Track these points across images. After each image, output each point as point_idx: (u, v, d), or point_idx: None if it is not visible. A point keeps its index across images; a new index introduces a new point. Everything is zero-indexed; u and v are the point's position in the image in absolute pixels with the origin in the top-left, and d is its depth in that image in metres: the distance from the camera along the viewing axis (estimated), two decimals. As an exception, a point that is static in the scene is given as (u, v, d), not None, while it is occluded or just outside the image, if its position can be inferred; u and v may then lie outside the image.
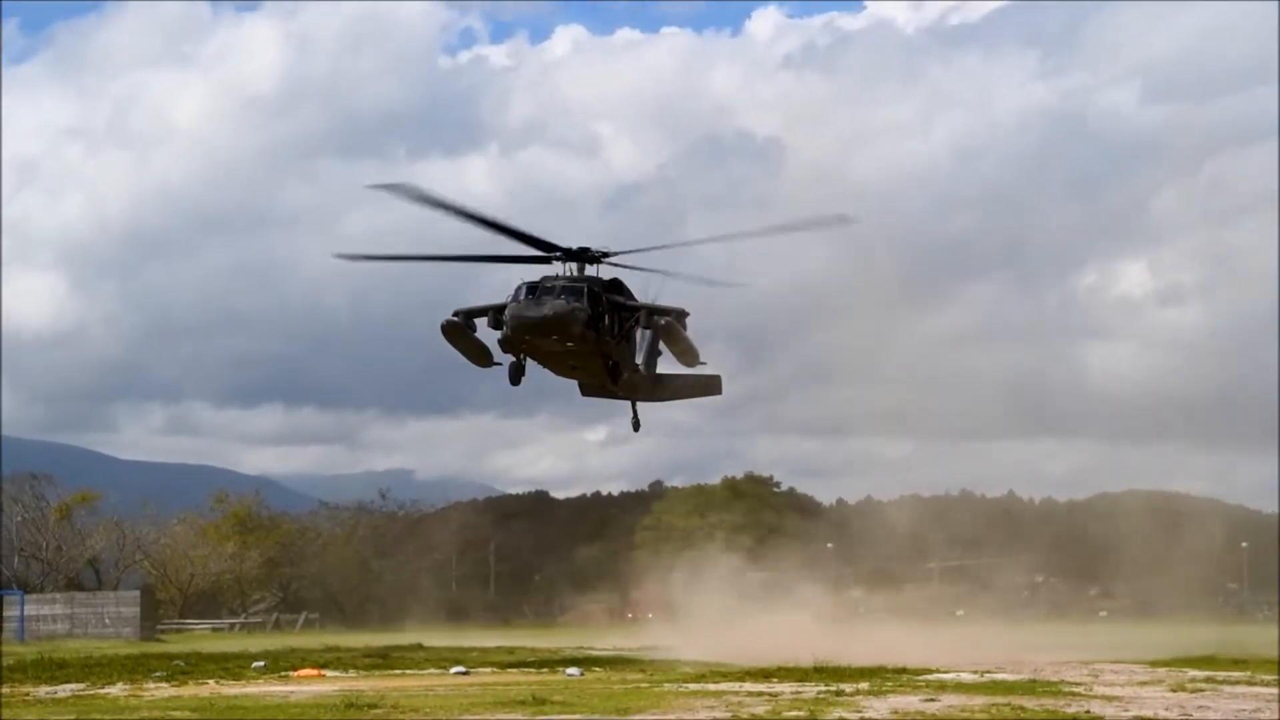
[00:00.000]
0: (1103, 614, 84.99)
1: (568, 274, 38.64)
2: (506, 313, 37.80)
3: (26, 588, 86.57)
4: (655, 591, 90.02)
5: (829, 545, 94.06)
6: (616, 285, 39.66)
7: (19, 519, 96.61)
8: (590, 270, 39.32)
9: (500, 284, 39.70)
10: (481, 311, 39.53)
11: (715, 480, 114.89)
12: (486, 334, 40.11)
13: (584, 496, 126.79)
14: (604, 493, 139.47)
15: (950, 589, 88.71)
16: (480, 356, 40.12)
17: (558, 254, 38.89)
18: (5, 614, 77.84)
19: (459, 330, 39.71)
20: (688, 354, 40.68)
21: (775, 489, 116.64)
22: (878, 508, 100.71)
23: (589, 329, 37.60)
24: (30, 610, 76.90)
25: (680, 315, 40.13)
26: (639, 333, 40.27)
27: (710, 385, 44.08)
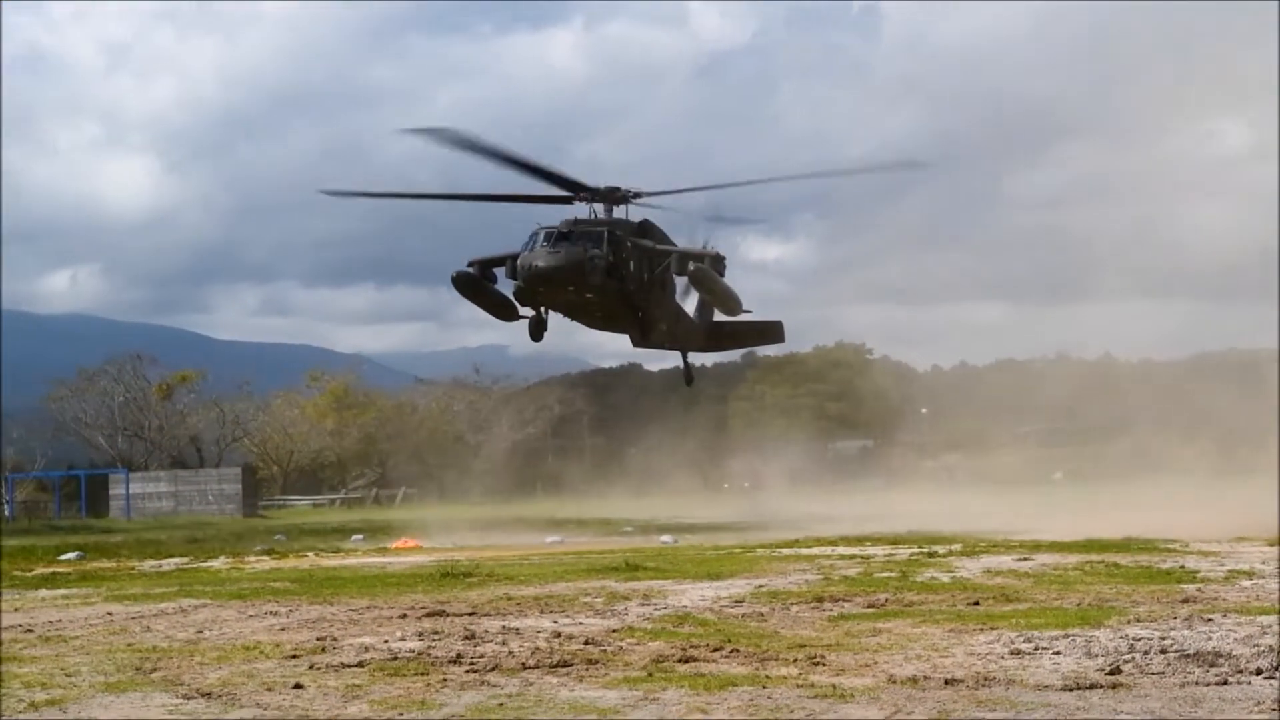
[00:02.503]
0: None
1: (591, 216, 34.73)
2: (519, 262, 33.89)
3: (131, 466, 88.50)
4: (750, 461, 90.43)
5: (923, 411, 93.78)
6: (644, 228, 35.72)
7: (121, 399, 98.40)
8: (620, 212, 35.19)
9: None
10: (499, 261, 35.25)
11: (807, 349, 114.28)
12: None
13: (677, 369, 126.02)
14: (696, 364, 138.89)
15: (1047, 452, 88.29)
16: (501, 309, 35.70)
17: (584, 194, 34.91)
18: (111, 492, 79.79)
19: (473, 283, 35.49)
20: (726, 302, 36.37)
21: (868, 356, 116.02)
22: (973, 373, 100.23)
23: (610, 278, 33.77)
24: (135, 489, 78.81)
25: (716, 260, 35.83)
26: (680, 281, 36.34)
27: (770, 332, 40.78)
